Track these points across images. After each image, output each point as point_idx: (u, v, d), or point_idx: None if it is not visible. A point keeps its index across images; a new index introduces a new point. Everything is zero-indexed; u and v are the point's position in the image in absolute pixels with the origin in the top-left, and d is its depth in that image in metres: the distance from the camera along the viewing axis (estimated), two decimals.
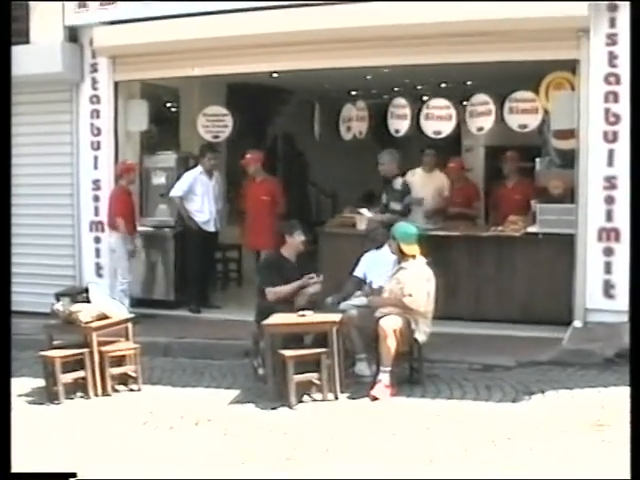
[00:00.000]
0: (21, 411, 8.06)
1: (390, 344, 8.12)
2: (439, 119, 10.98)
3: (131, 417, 7.82)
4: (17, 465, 6.19)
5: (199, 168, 12.01)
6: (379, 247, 9.36)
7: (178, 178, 12.06)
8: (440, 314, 8.76)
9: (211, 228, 12.00)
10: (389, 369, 8.16)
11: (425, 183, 12.07)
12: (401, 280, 8.46)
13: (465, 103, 11.15)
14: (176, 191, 11.94)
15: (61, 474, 5.62)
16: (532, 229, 10.50)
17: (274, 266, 9.23)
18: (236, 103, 13.52)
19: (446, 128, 11.00)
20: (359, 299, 9.03)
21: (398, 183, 10.86)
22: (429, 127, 11.05)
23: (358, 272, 9.46)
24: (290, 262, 9.18)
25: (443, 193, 12.20)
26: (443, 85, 13.19)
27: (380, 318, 8.28)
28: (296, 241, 9.20)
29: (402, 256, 8.57)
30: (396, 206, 10.69)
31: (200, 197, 11.89)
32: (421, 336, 8.41)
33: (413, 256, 8.55)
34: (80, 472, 6.19)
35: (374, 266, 9.26)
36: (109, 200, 11.66)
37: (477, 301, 10.60)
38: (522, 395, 7.97)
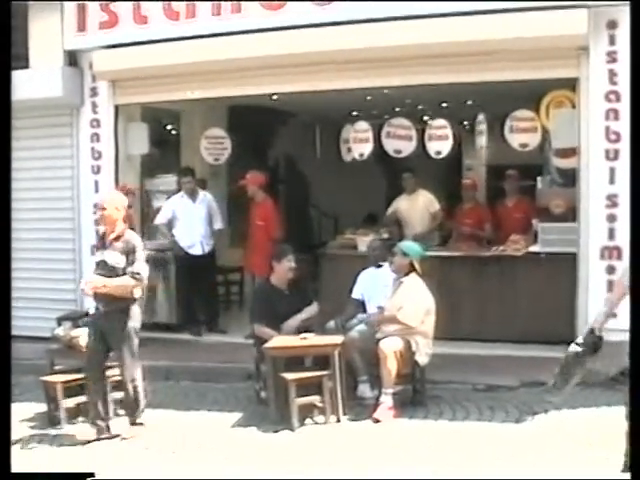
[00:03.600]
0: (23, 434, 8.05)
1: (391, 366, 8.08)
2: (439, 139, 11.04)
3: (133, 441, 7.76)
4: None
5: (181, 192, 11.96)
6: (379, 266, 9.32)
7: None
8: (442, 335, 8.71)
9: (197, 251, 11.69)
10: (391, 391, 8.12)
11: (410, 206, 12.13)
12: (398, 295, 8.44)
13: (465, 123, 11.16)
14: (160, 218, 11.94)
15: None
16: (534, 248, 10.47)
17: (264, 297, 8.96)
18: (237, 125, 13.54)
19: (444, 148, 11.04)
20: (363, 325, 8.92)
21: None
22: (431, 147, 11.10)
23: (356, 293, 9.42)
24: (280, 291, 8.89)
25: (430, 210, 12.08)
26: (444, 105, 13.19)
27: (380, 340, 8.25)
28: (284, 268, 8.85)
29: (407, 272, 8.53)
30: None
31: (183, 221, 11.79)
32: (422, 358, 8.35)
33: (416, 273, 8.52)
34: None
35: (372, 285, 9.22)
36: None
37: (479, 321, 10.53)
38: (525, 415, 7.95)
